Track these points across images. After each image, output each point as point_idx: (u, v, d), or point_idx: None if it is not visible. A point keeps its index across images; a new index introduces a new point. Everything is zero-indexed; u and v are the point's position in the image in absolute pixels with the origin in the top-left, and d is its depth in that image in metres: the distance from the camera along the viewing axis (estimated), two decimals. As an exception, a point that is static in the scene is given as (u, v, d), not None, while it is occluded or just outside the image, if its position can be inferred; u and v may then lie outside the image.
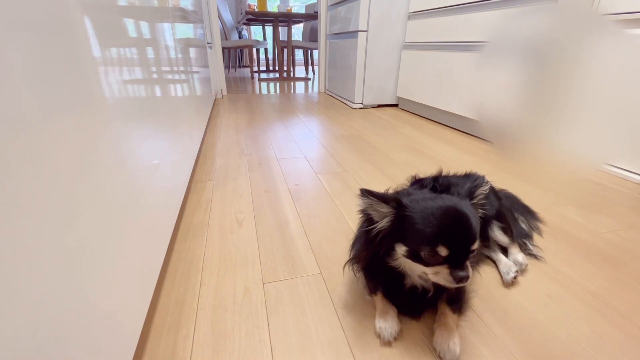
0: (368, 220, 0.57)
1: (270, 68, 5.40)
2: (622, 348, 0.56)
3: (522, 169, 1.32)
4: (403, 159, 1.45)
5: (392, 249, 0.55)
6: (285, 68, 4.30)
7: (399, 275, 0.59)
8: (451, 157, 1.49)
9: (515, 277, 0.70)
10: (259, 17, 4.25)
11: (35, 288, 0.29)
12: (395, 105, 2.63)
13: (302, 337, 0.59)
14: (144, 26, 0.76)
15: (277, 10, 5.08)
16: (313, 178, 1.25)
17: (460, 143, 1.70)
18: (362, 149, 1.59)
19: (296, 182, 1.21)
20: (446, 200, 0.54)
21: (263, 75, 4.95)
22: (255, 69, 5.15)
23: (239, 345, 0.57)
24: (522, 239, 0.81)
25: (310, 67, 4.91)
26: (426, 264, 0.51)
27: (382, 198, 0.54)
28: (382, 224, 0.55)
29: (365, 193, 0.54)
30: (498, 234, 0.77)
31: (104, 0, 0.54)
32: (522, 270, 0.74)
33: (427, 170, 0.90)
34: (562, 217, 0.97)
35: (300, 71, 5.20)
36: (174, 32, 1.10)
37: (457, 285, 0.51)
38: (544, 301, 0.66)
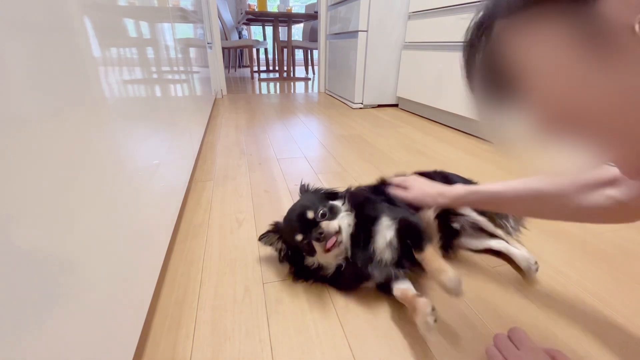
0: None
1: (270, 68, 5.39)
2: (622, 348, 0.56)
3: (522, 169, 1.32)
4: (403, 159, 1.45)
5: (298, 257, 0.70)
6: (285, 68, 4.30)
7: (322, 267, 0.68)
8: (451, 157, 1.49)
9: (537, 269, 0.70)
10: (259, 17, 4.25)
11: (36, 288, 0.29)
12: (395, 105, 2.63)
13: (302, 337, 0.59)
14: (144, 26, 0.76)
15: (277, 10, 5.07)
16: (313, 178, 1.25)
17: (460, 143, 1.70)
18: (362, 149, 1.59)
19: (296, 182, 1.20)
20: (298, 202, 0.72)
21: (263, 75, 4.95)
22: (255, 69, 5.15)
23: (239, 345, 0.57)
24: (501, 219, 0.81)
25: (310, 67, 4.91)
26: (306, 251, 0.66)
27: (269, 232, 0.73)
28: (279, 244, 0.72)
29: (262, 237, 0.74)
30: (473, 214, 0.78)
31: (104, 0, 0.54)
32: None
33: (426, 169, 0.91)
34: (562, 217, 0.97)
35: (300, 71, 5.19)
36: (174, 32, 1.10)
37: (325, 244, 0.61)
38: (544, 301, 0.66)
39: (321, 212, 0.65)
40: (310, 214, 0.65)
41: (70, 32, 0.40)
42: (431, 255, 0.59)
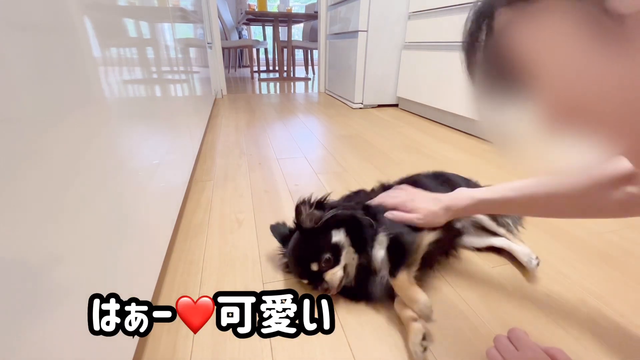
0: None
1: (270, 68, 5.39)
2: (622, 348, 0.56)
3: (522, 169, 1.32)
4: (403, 159, 1.45)
5: None
6: (285, 68, 4.30)
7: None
8: (451, 157, 1.49)
9: (538, 264, 0.71)
10: (259, 17, 4.26)
11: (33, 288, 0.29)
12: (395, 105, 2.63)
13: (302, 337, 0.58)
14: (144, 26, 0.77)
15: (277, 10, 5.08)
16: (313, 178, 1.25)
17: (460, 143, 1.70)
18: (362, 149, 1.59)
19: (296, 182, 1.21)
20: (300, 245, 0.69)
21: (263, 75, 4.95)
22: (255, 69, 5.15)
23: (239, 345, 0.57)
24: (502, 217, 0.81)
25: (310, 67, 4.91)
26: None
27: (280, 240, 0.75)
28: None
29: (273, 229, 0.77)
30: (482, 217, 0.79)
31: (104, 0, 0.54)
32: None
33: (426, 170, 0.91)
34: (562, 217, 0.97)
35: (300, 71, 5.19)
36: (174, 32, 1.10)
37: (327, 293, 0.62)
38: (544, 301, 0.66)
39: (325, 259, 0.64)
40: (314, 267, 0.64)
41: (70, 32, 0.40)
42: (403, 283, 0.59)
